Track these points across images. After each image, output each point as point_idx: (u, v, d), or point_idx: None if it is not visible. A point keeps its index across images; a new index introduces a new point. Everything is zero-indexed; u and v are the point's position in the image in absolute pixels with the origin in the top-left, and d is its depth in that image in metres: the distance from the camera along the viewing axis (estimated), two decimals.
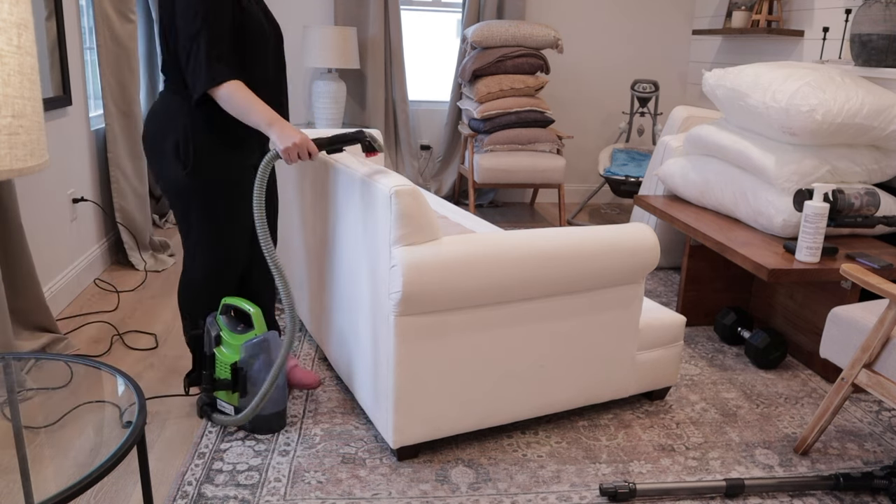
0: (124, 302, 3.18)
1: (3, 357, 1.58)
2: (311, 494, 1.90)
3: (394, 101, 5.09)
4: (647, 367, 2.35)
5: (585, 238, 2.09)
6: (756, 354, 2.76)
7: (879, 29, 3.07)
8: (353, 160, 2.17)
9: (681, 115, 3.83)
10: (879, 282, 1.94)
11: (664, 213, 3.16)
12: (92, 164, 3.46)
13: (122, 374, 1.54)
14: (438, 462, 2.07)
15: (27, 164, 1.12)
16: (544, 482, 2.00)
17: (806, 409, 2.48)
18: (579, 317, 2.15)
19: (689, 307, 3.17)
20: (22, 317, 2.54)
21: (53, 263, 2.99)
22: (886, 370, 1.96)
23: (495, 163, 4.54)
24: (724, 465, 2.12)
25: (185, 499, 1.86)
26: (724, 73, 3.03)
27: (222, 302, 2.18)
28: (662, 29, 5.39)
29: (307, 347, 2.78)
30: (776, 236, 2.79)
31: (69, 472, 1.49)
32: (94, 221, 3.50)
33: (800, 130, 2.65)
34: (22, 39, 1.10)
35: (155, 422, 2.23)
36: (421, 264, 1.84)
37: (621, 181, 4.51)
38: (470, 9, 4.97)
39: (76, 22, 3.32)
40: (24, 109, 1.11)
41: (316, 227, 2.48)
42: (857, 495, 2.00)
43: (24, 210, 2.70)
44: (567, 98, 5.41)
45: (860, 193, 2.60)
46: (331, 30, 4.54)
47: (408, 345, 1.92)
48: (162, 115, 2.07)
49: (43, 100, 2.13)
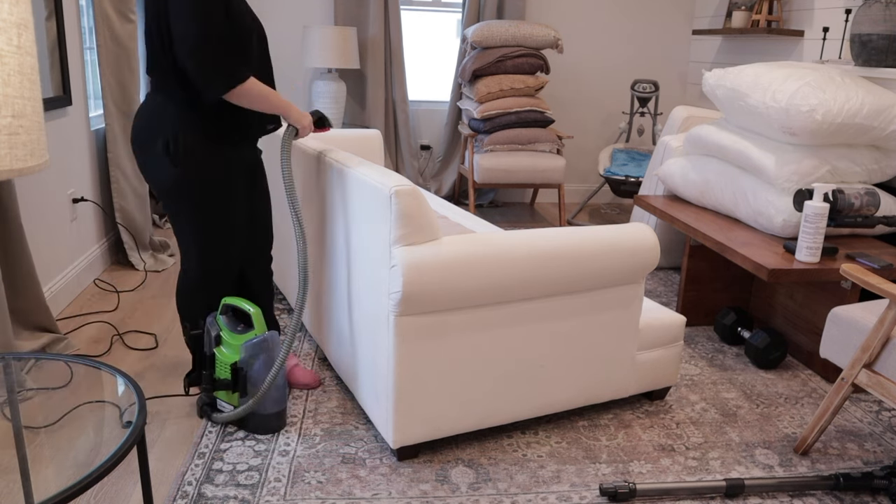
0: (124, 302, 3.18)
1: (3, 357, 1.58)
2: (311, 494, 1.90)
3: (394, 101, 5.09)
4: (647, 367, 2.35)
5: (585, 238, 2.09)
6: (756, 354, 2.76)
7: (879, 29, 3.07)
8: (354, 160, 2.17)
9: (681, 115, 3.83)
10: (879, 282, 1.94)
11: (664, 213, 3.16)
12: (92, 164, 3.46)
13: (122, 374, 1.54)
14: (438, 462, 2.07)
15: (27, 164, 1.12)
16: (544, 482, 2.00)
17: (806, 409, 2.48)
18: (579, 317, 2.15)
19: (689, 307, 3.17)
20: (22, 317, 2.54)
21: (53, 263, 2.99)
22: (886, 370, 1.96)
23: (495, 163, 4.54)
24: (724, 465, 2.12)
25: (185, 499, 1.86)
26: (724, 73, 3.03)
27: (222, 302, 2.18)
28: (662, 29, 5.39)
29: (307, 347, 2.78)
30: (776, 236, 2.79)
31: (69, 472, 1.49)
32: (94, 221, 3.50)
33: (800, 130, 2.65)
34: (22, 39, 1.10)
35: (155, 422, 2.23)
36: (421, 264, 1.84)
37: (621, 181, 4.51)
38: (470, 9, 4.97)
39: (76, 22, 3.32)
40: (24, 109, 1.11)
41: (315, 227, 2.48)
42: (857, 495, 2.00)
43: (24, 210, 2.70)
44: (567, 98, 5.42)
45: (860, 193, 2.60)
46: (331, 30, 4.54)
47: (408, 345, 1.92)
48: (150, 115, 2.08)
49: (43, 100, 2.13)
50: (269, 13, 4.91)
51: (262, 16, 4.91)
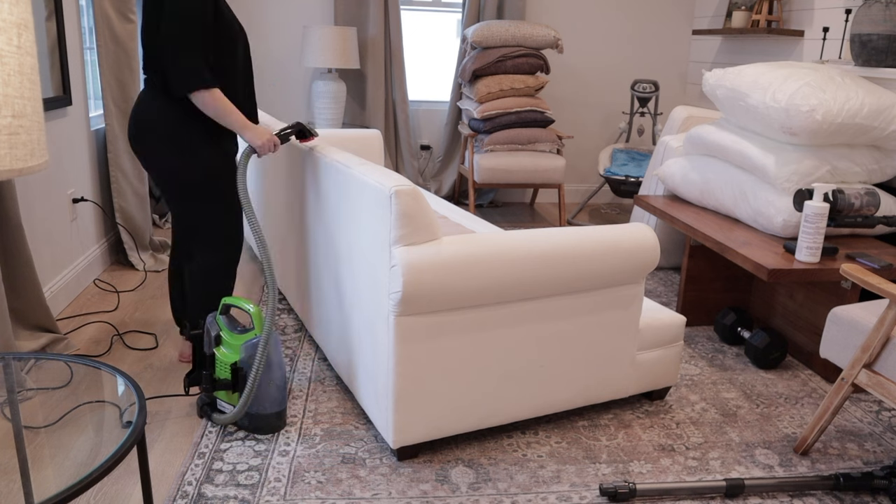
0: (124, 302, 3.18)
1: (3, 357, 1.58)
2: (311, 494, 1.90)
3: (394, 101, 5.09)
4: (647, 367, 2.35)
5: (585, 238, 2.09)
6: (756, 354, 2.76)
7: (879, 29, 3.07)
8: (353, 160, 2.17)
9: (681, 115, 3.83)
10: (879, 282, 1.94)
11: (664, 213, 3.16)
12: (92, 164, 3.46)
13: (122, 374, 1.54)
14: (438, 462, 2.07)
15: (27, 164, 1.12)
16: (544, 482, 2.00)
17: (806, 409, 2.48)
18: (579, 317, 2.15)
19: (689, 307, 3.17)
20: (22, 317, 2.54)
21: (53, 263, 2.99)
22: (886, 370, 1.96)
23: (495, 163, 4.54)
24: (724, 465, 2.12)
25: (185, 499, 1.86)
26: (724, 73, 3.03)
27: (222, 302, 2.18)
28: (662, 29, 5.39)
29: (307, 347, 2.78)
30: (776, 236, 2.79)
31: (69, 472, 1.49)
32: (94, 221, 3.50)
33: (800, 130, 2.65)
34: (22, 39, 1.10)
35: (155, 422, 2.23)
36: (421, 264, 1.84)
37: (621, 181, 4.51)
38: (470, 9, 4.97)
39: (76, 22, 3.32)
40: (24, 109, 1.11)
41: (316, 228, 2.48)
42: (857, 495, 2.00)
43: (24, 210, 2.70)
44: (567, 98, 5.42)
45: (860, 193, 2.60)
46: (331, 30, 4.54)
47: (408, 345, 1.92)
48: (150, 112, 2.22)
49: (43, 100, 2.14)
50: (269, 13, 4.91)
51: (263, 16, 4.91)
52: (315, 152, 2.43)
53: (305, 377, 2.53)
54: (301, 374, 2.56)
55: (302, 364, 2.63)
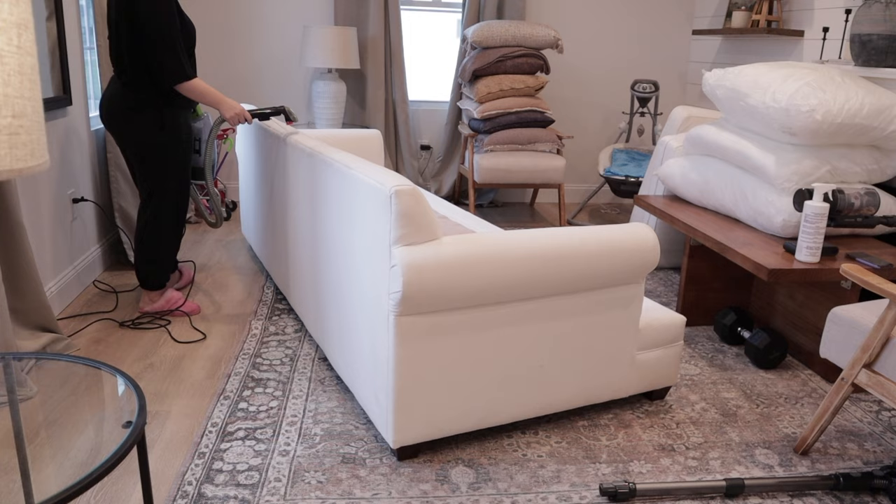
0: (124, 302, 3.18)
1: (3, 357, 1.58)
2: (311, 494, 1.90)
3: (394, 101, 5.09)
4: (646, 367, 2.35)
5: (585, 238, 2.09)
6: (756, 354, 2.76)
7: (879, 29, 3.07)
8: (353, 160, 2.17)
9: (681, 115, 3.83)
10: (879, 282, 1.94)
11: (664, 213, 3.16)
12: (92, 164, 3.46)
13: (123, 374, 1.54)
14: (438, 462, 2.07)
15: (27, 164, 1.12)
16: (544, 482, 2.00)
17: (806, 409, 2.48)
18: (579, 317, 2.15)
19: (689, 307, 3.17)
20: (22, 317, 2.54)
21: (53, 264, 2.99)
22: (886, 370, 1.96)
23: (495, 163, 4.54)
24: (724, 465, 2.12)
25: (185, 499, 1.86)
26: (724, 73, 3.03)
27: None
28: (662, 29, 5.39)
29: (307, 347, 2.78)
30: (776, 236, 2.79)
31: (69, 472, 1.49)
32: (94, 221, 3.50)
33: (800, 130, 2.65)
34: (22, 39, 1.10)
35: (155, 422, 2.23)
36: (421, 264, 1.84)
37: (621, 181, 4.51)
38: (470, 9, 4.97)
39: (76, 22, 3.32)
40: (24, 109, 1.11)
41: (316, 228, 2.48)
42: (857, 495, 2.00)
43: (25, 210, 2.70)
44: (567, 98, 5.42)
45: (860, 193, 2.60)
46: (331, 30, 4.54)
47: (408, 345, 1.92)
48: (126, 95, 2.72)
49: (43, 100, 2.14)
50: (269, 13, 4.91)
51: (263, 16, 4.90)
52: (315, 152, 2.43)
53: (305, 377, 2.53)
54: (301, 374, 2.56)
55: (302, 364, 2.63)
